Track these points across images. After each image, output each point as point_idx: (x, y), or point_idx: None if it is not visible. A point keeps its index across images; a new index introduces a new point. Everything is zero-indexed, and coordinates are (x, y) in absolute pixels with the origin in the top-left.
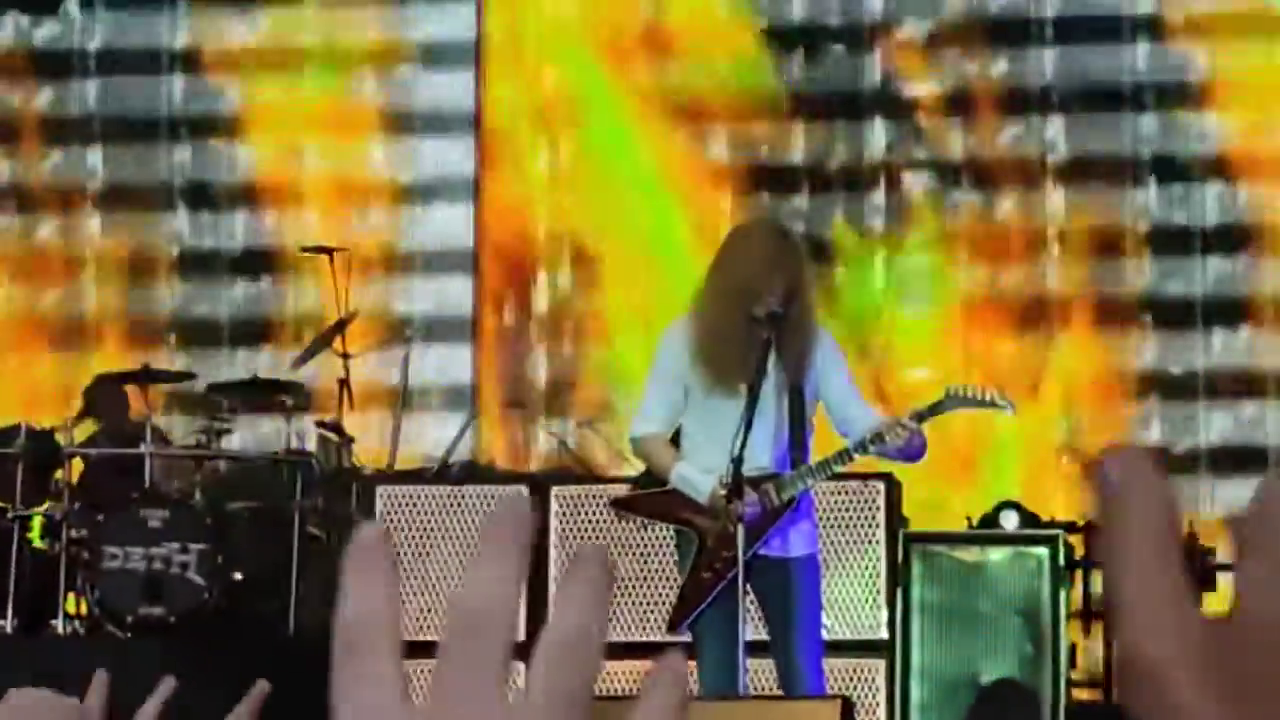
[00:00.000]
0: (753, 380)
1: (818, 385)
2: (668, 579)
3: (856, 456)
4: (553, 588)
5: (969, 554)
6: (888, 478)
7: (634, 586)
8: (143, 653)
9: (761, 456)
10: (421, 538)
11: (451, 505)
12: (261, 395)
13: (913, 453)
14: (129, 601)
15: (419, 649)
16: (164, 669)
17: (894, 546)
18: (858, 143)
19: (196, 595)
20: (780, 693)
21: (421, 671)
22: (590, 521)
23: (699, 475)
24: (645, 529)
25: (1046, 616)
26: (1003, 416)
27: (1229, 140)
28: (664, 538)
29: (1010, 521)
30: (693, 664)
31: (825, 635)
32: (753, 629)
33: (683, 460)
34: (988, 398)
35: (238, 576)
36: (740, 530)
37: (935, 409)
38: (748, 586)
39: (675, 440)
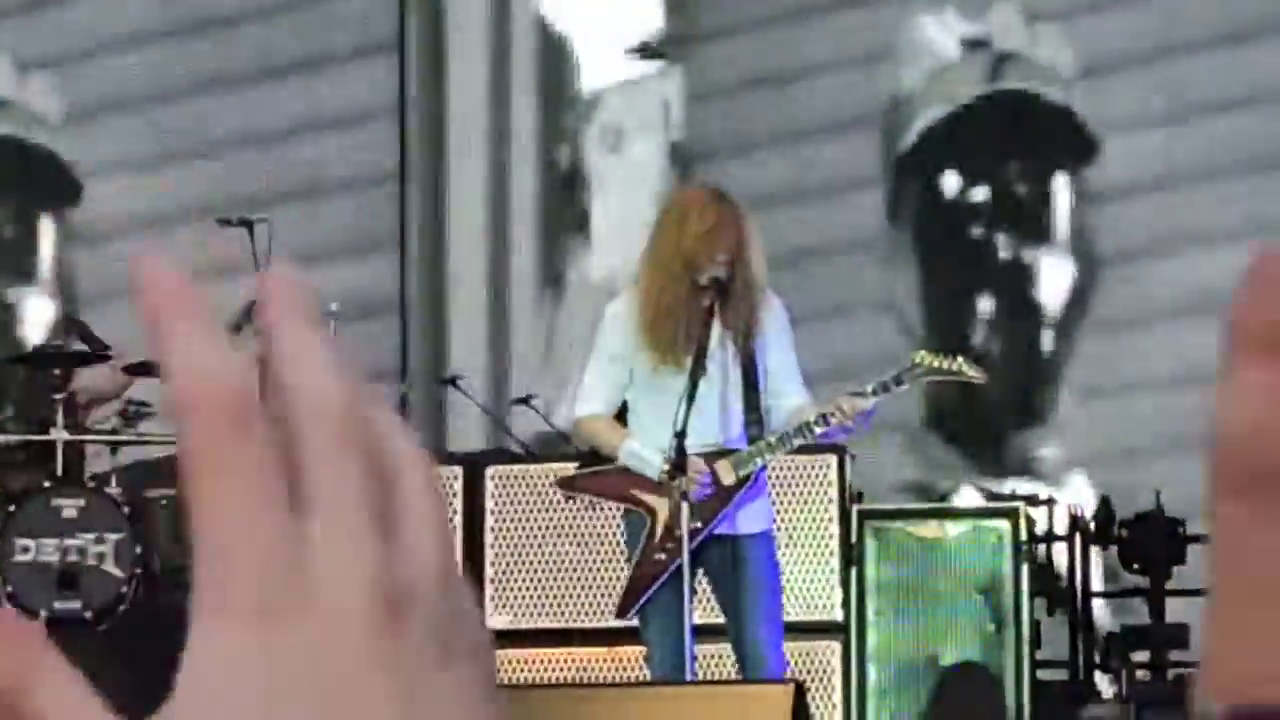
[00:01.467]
0: (695, 351)
1: (765, 355)
2: (612, 563)
3: (813, 434)
4: (489, 570)
5: (926, 529)
6: (840, 450)
7: (578, 570)
8: (58, 649)
9: (712, 431)
10: None
11: None
12: None
13: (861, 424)
14: (42, 595)
15: None
16: (81, 666)
17: (847, 523)
18: None
19: (114, 588)
20: (735, 676)
21: None
22: (525, 502)
23: (650, 451)
24: (592, 510)
25: (1008, 594)
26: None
27: None
28: (608, 519)
29: (970, 499)
30: (642, 649)
31: None
32: (707, 613)
33: (632, 437)
34: (956, 367)
35: (157, 567)
36: (685, 508)
37: (900, 379)
38: (701, 568)
39: (622, 420)
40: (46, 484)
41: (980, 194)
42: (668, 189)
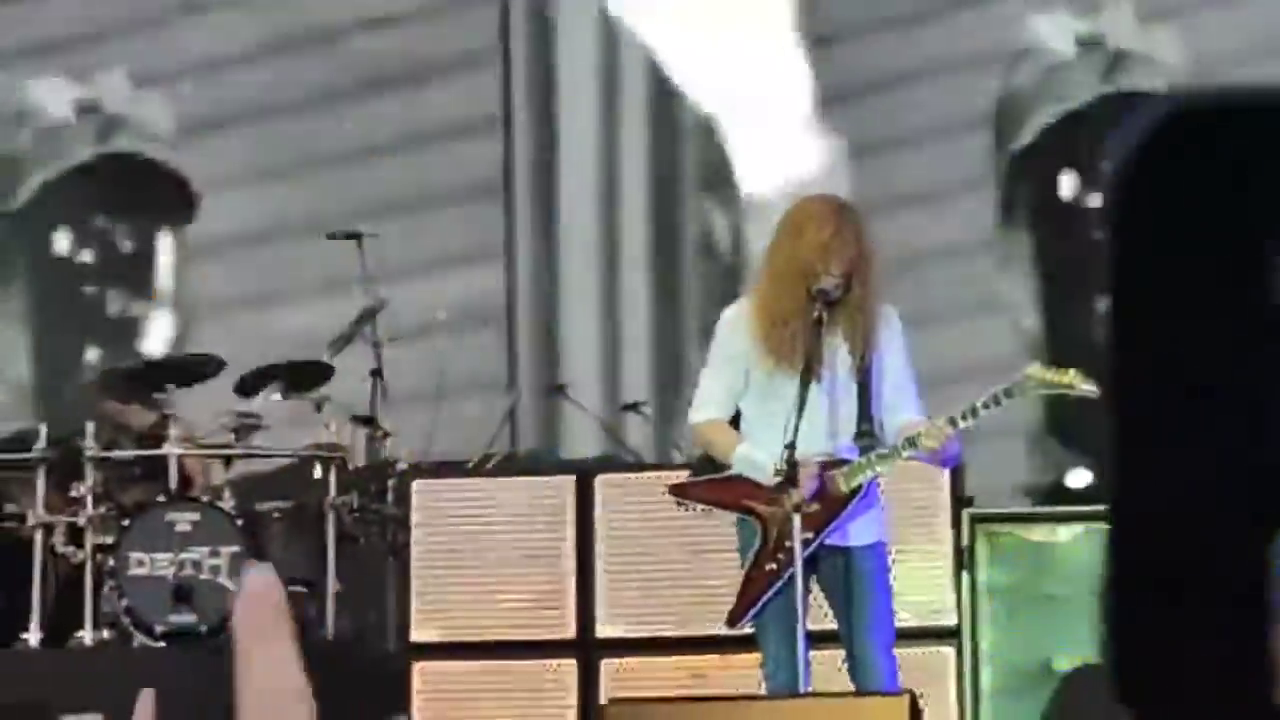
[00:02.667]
0: (806, 360)
1: (881, 367)
2: (724, 570)
3: (906, 455)
4: (602, 579)
5: (1037, 533)
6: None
7: (690, 579)
8: (174, 662)
9: (823, 442)
10: (460, 531)
11: (489, 497)
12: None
13: (946, 457)
14: (158, 610)
15: (460, 649)
16: (196, 679)
17: (959, 527)
18: None
19: (229, 601)
20: (848, 682)
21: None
22: (637, 510)
23: (761, 455)
24: (704, 517)
25: None
26: None
27: None
28: (720, 527)
29: (1080, 480)
30: (757, 657)
31: None
32: (822, 621)
33: (745, 443)
34: (1068, 380)
35: None
36: (797, 518)
37: (1010, 391)
38: (815, 577)
39: (736, 427)
40: (160, 498)
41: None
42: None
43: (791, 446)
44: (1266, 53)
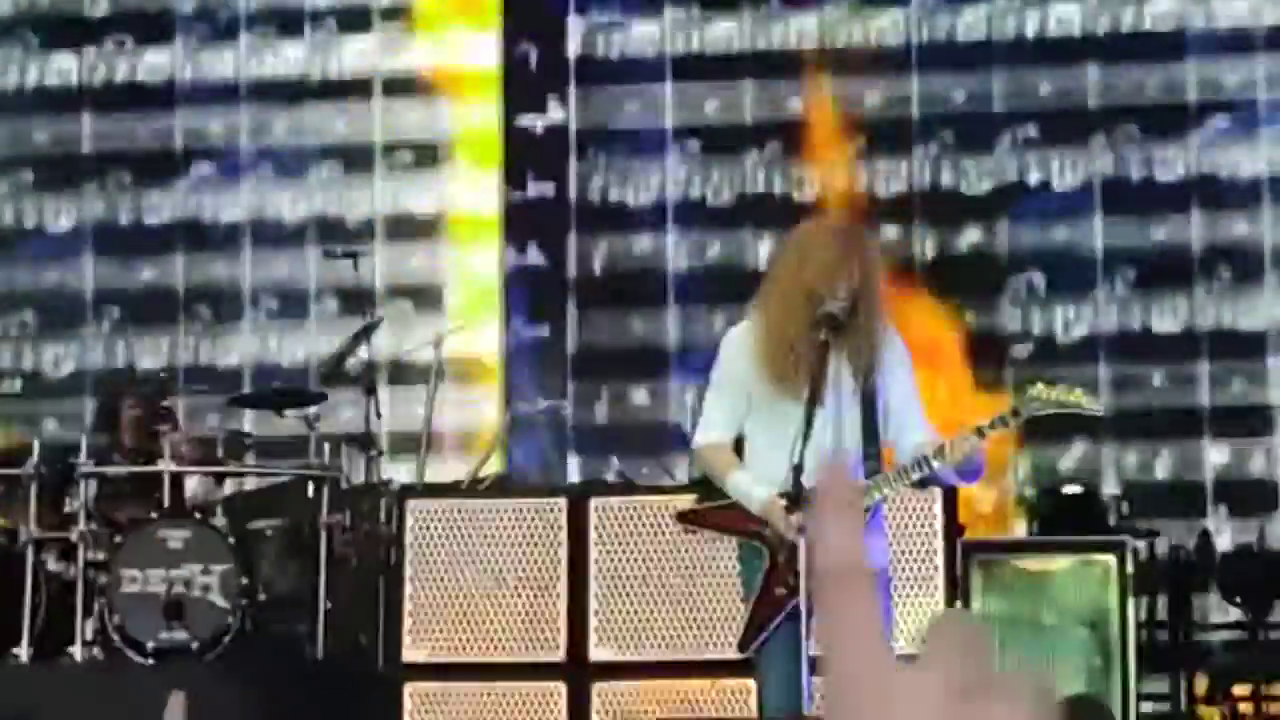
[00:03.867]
0: (812, 384)
1: (885, 391)
2: (716, 594)
3: (928, 470)
4: (594, 603)
5: (1032, 563)
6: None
7: (682, 603)
8: (165, 679)
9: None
10: (453, 552)
11: (484, 520)
12: (284, 406)
13: (969, 471)
14: (149, 626)
15: (451, 669)
16: (187, 696)
17: (953, 556)
18: None
19: (220, 618)
20: None
21: (452, 694)
22: (630, 533)
23: (753, 485)
24: (696, 541)
25: (1114, 627)
26: None
27: None
28: (712, 551)
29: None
30: (747, 682)
31: None
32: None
33: (741, 469)
34: (1074, 399)
35: (262, 598)
36: (803, 542)
37: (1017, 413)
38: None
39: (739, 450)
40: (153, 515)
41: None
42: None
43: (798, 469)
44: None
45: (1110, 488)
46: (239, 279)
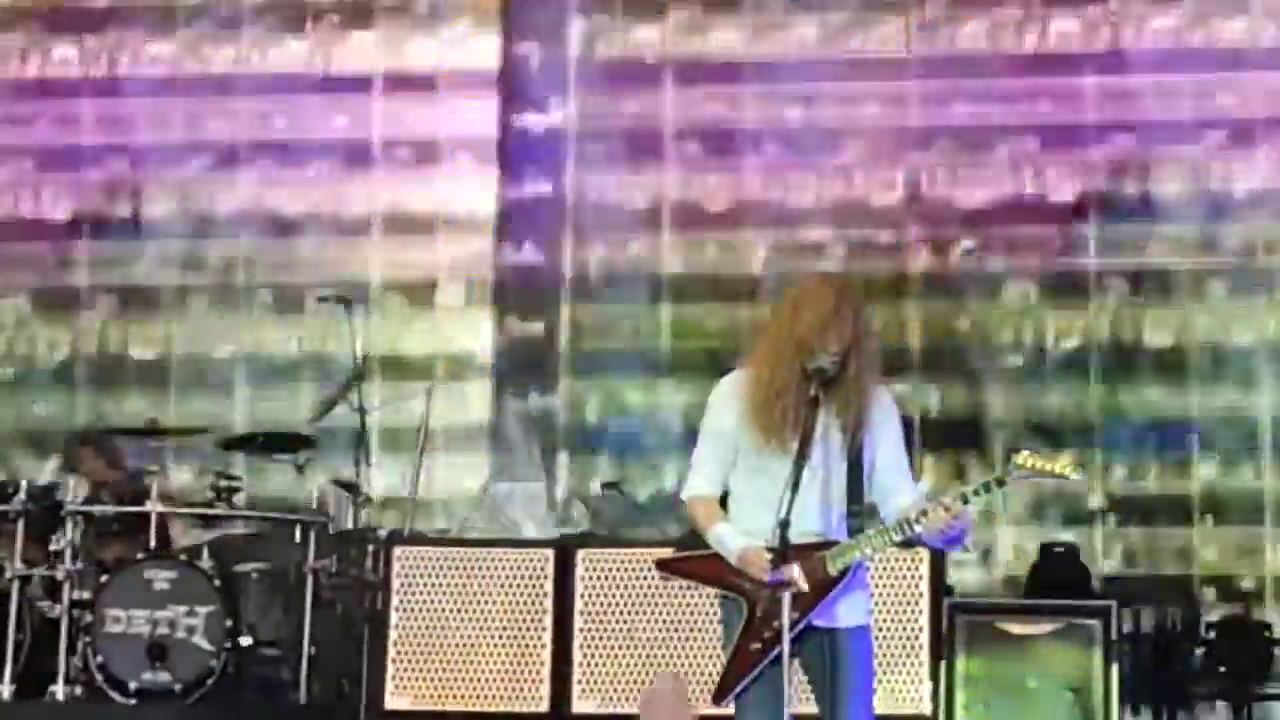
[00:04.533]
0: (801, 438)
1: (872, 449)
2: (700, 648)
3: (913, 531)
4: (578, 654)
5: (1017, 625)
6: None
7: (667, 655)
8: None
9: (813, 521)
10: (439, 600)
11: (470, 567)
12: (274, 450)
13: (952, 537)
14: (133, 666)
15: (433, 718)
16: None
17: (938, 616)
18: None
19: (203, 660)
20: None
21: None
22: (616, 585)
23: (734, 537)
24: (681, 594)
25: (1098, 692)
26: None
27: None
28: (697, 604)
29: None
30: None
31: None
32: (799, 701)
33: (725, 521)
34: (1056, 469)
35: (247, 641)
36: (787, 597)
37: (1002, 480)
38: (796, 658)
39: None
40: (139, 556)
41: None
42: None
43: (784, 524)
44: None
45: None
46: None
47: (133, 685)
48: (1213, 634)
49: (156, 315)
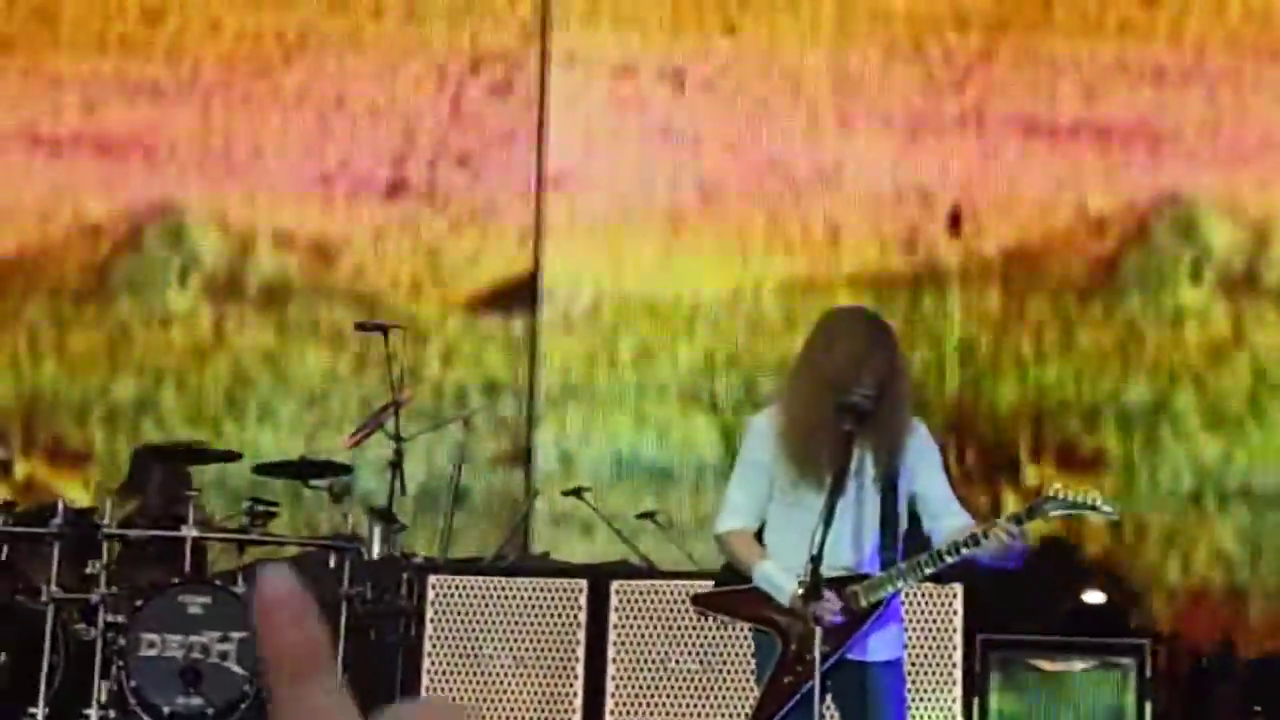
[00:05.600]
0: (836, 473)
1: (910, 481)
2: (734, 680)
3: (949, 559)
4: (611, 684)
5: (1051, 663)
6: (967, 578)
7: (700, 687)
8: None
9: (846, 555)
10: (473, 628)
11: (503, 596)
12: (309, 477)
13: (1012, 559)
14: (166, 691)
15: None
16: None
17: (971, 653)
18: None
19: (237, 686)
20: None
21: None
22: (650, 617)
23: (783, 575)
24: (717, 627)
25: None
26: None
27: None
28: (732, 637)
29: (1094, 599)
30: None
31: None
32: None
33: (767, 559)
34: (1090, 501)
35: None
36: (818, 633)
37: (1033, 512)
38: (830, 693)
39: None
40: (174, 580)
41: None
42: None
43: (817, 559)
44: None
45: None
46: None
47: (166, 710)
48: (1249, 670)
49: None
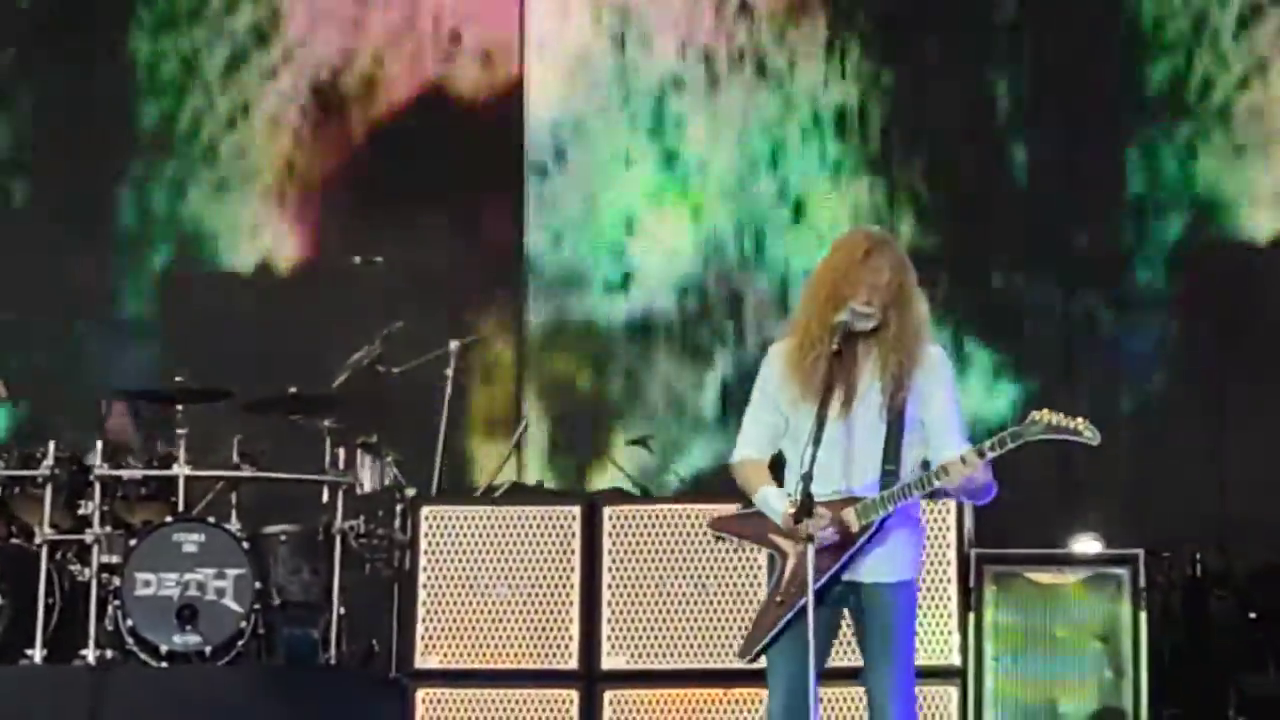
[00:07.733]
0: (823, 395)
1: (919, 408)
2: (729, 604)
3: (916, 493)
4: (607, 610)
5: (1045, 576)
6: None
7: (695, 611)
8: (178, 682)
9: (837, 477)
10: (467, 559)
11: (498, 526)
12: (299, 412)
13: (977, 494)
14: (163, 629)
15: (464, 676)
16: (200, 699)
17: (965, 568)
18: None
19: (233, 622)
20: None
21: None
22: (643, 541)
23: (778, 497)
24: (709, 550)
25: (1127, 642)
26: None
27: None
28: (726, 559)
29: (1091, 549)
30: (759, 691)
31: None
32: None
33: (769, 483)
34: (1073, 426)
35: (276, 602)
36: (810, 552)
37: (1016, 436)
38: (845, 610)
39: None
40: (168, 519)
41: None
42: None
43: (807, 478)
44: None
45: None
46: None
47: (163, 648)
48: (1246, 580)
49: None
